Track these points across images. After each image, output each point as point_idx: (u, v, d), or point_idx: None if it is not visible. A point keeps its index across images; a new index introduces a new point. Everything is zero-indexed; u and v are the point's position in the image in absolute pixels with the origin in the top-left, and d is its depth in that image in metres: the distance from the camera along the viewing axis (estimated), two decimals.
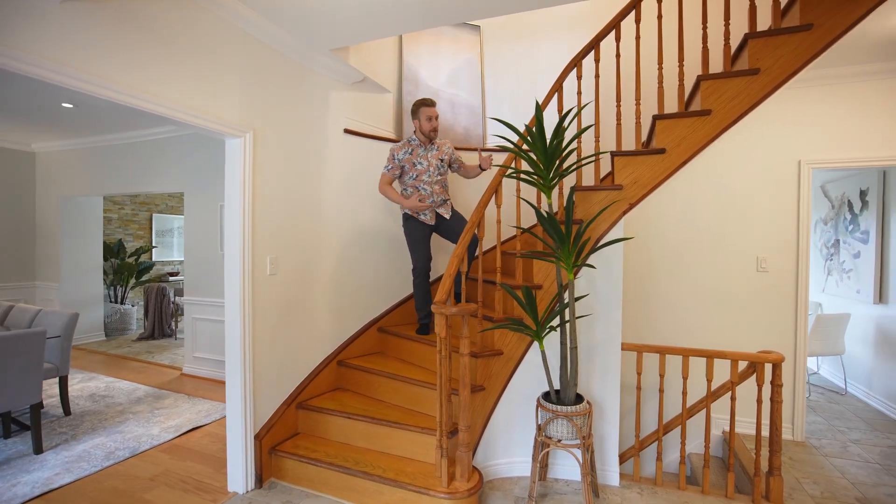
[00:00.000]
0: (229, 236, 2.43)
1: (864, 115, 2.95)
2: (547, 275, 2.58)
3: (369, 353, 3.24)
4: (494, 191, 2.53)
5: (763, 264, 3.15)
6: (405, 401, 2.71)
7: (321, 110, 2.94)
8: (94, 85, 1.72)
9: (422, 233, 2.99)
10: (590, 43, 2.58)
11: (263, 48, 2.52)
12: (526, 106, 3.80)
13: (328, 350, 3.03)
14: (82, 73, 1.68)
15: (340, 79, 3.08)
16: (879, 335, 3.71)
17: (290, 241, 2.71)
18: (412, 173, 2.95)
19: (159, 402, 3.74)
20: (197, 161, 4.35)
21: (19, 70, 1.51)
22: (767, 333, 3.14)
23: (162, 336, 5.96)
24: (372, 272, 3.29)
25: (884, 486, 2.54)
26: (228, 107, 2.30)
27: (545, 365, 2.30)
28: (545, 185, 2.20)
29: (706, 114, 2.32)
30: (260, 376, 2.53)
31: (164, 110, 1.97)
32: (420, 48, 3.68)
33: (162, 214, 7.27)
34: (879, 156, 2.93)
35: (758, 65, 2.24)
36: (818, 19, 2.16)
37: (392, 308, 3.40)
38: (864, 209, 3.82)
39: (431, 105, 2.92)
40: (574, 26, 3.66)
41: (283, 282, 2.68)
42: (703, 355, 2.43)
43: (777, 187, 3.12)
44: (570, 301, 2.20)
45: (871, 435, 3.19)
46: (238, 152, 2.38)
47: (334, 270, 3.05)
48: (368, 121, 3.34)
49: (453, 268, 2.33)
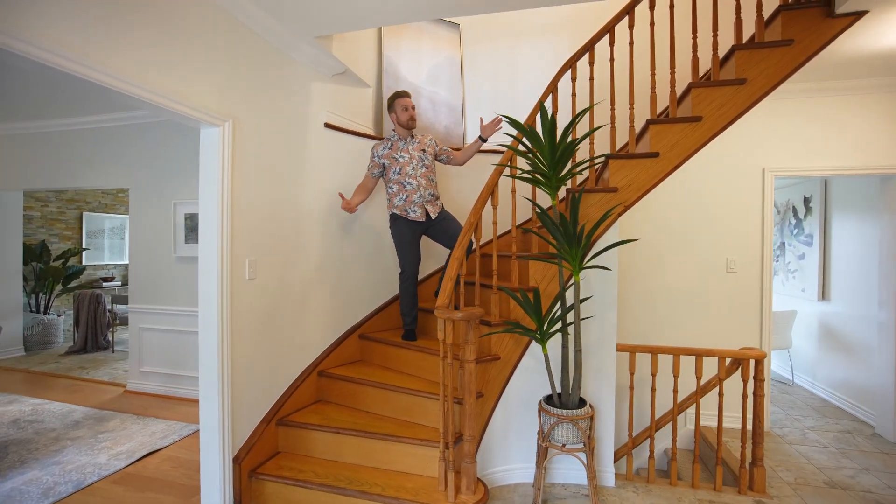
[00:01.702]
0: (205, 238, 2.17)
1: (819, 128, 3.22)
2: (542, 277, 2.55)
3: (350, 362, 3.05)
4: (491, 191, 2.47)
5: (732, 265, 3.34)
6: (397, 412, 2.57)
7: (302, 102, 2.73)
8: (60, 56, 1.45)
9: (411, 233, 2.86)
10: (585, 45, 2.59)
11: (246, 32, 2.29)
12: (505, 107, 3.78)
13: (308, 360, 2.81)
14: (46, 42, 1.40)
15: (322, 70, 2.89)
16: (822, 330, 4.06)
17: (269, 243, 2.48)
18: (395, 168, 2.82)
19: (103, 424, 3.30)
20: (146, 153, 3.92)
21: None
22: (737, 330, 3.33)
23: (96, 349, 5.32)
24: (353, 276, 3.11)
25: (843, 468, 2.76)
26: (207, 92, 2.06)
27: (548, 368, 2.27)
28: (551, 186, 2.17)
29: (697, 120, 2.40)
30: (238, 392, 2.28)
31: (137, 91, 1.71)
32: (400, 42, 3.55)
33: (94, 213, 6.52)
34: (832, 165, 3.20)
35: (744, 75, 2.35)
36: (798, 35, 2.30)
37: (373, 313, 3.23)
38: (808, 214, 4.18)
39: (406, 95, 2.84)
40: (554, 31, 3.69)
41: (263, 287, 2.45)
42: (693, 354, 2.51)
43: (744, 193, 3.32)
44: (575, 303, 2.18)
45: (823, 421, 3.47)
46: (216, 143, 2.14)
47: (314, 274, 2.84)
48: (349, 116, 3.17)
49: (453, 270, 2.24)
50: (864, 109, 3.16)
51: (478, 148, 2.86)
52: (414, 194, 2.80)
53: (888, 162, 3.12)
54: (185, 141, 3.79)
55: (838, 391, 3.82)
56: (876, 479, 2.62)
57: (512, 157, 2.55)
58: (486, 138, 2.79)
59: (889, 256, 3.17)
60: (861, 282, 3.59)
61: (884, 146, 3.14)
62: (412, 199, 2.80)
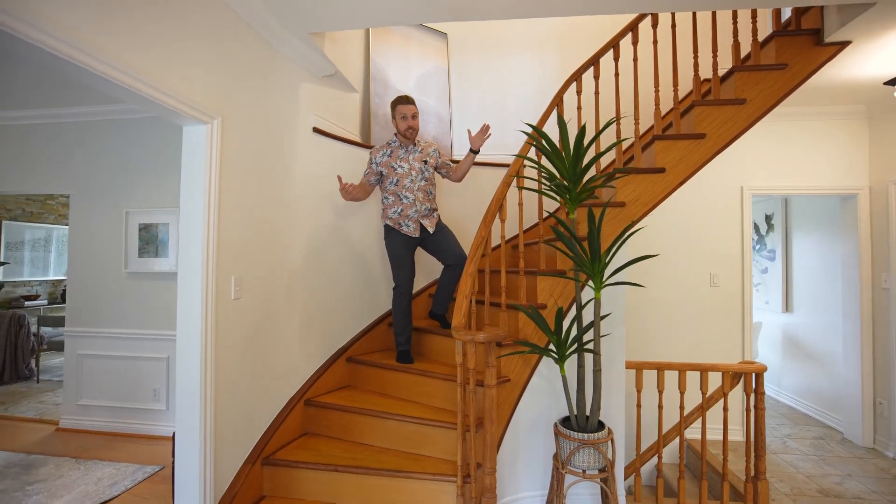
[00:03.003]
0: (187, 251, 1.88)
1: (791, 149, 3.42)
2: (551, 293, 2.46)
3: (339, 388, 2.78)
4: (500, 203, 2.36)
5: (715, 279, 3.44)
6: (399, 442, 2.34)
7: (291, 103, 2.50)
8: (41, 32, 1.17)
9: (405, 247, 2.68)
10: (590, 59, 2.58)
11: (238, 22, 2.06)
12: (494, 119, 3.73)
13: (294, 388, 2.53)
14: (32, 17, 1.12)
15: (312, 70, 2.68)
16: (786, 340, 4.30)
17: (256, 257, 2.21)
18: (392, 178, 2.64)
19: (32, 472, 2.78)
20: (93, 156, 3.45)
21: None
22: (721, 342, 3.41)
23: (17, 379, 4.59)
24: (340, 293, 2.86)
25: (829, 476, 2.86)
26: (194, 85, 1.80)
27: (566, 390, 2.16)
28: (571, 199, 2.09)
29: (701, 137, 2.44)
30: (222, 429, 1.98)
31: (117, 75, 1.44)
32: (388, 48, 3.40)
33: (14, 222, 5.71)
34: (803, 185, 3.41)
35: (743, 95, 2.43)
36: (790, 60, 2.41)
37: (360, 334, 2.99)
38: (770, 231, 4.45)
39: (407, 102, 2.64)
40: (542, 46, 3.70)
41: (249, 307, 2.16)
42: (699, 369, 2.51)
43: (724, 209, 3.46)
44: (595, 320, 2.10)
45: (796, 429, 3.63)
46: (203, 143, 1.87)
47: (299, 291, 2.58)
48: (337, 121, 2.96)
49: (467, 287, 2.09)
50: (830, 134, 3.40)
51: (472, 162, 2.74)
52: (409, 208, 2.63)
53: (850, 183, 3.37)
54: (141, 143, 3.38)
55: (804, 398, 4.03)
56: (861, 484, 2.74)
57: (520, 168, 2.46)
58: (477, 150, 2.68)
59: (852, 271, 3.40)
60: (823, 295, 3.84)
61: (845, 168, 3.39)
62: (407, 214, 2.63)
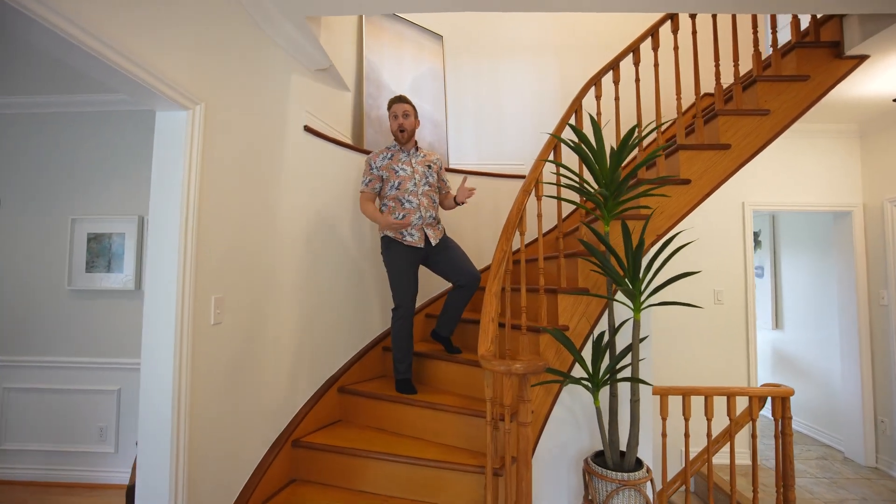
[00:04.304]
0: (158, 267, 1.51)
1: (789, 165, 3.42)
2: (573, 313, 2.24)
3: (330, 424, 2.42)
4: (520, 215, 2.13)
5: (720, 296, 3.35)
6: (408, 489, 2.01)
7: (281, 96, 2.19)
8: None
9: (408, 260, 2.39)
10: (610, 63, 2.43)
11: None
12: (490, 125, 3.54)
13: (280, 426, 2.15)
14: None
15: (304, 61, 2.38)
16: (777, 357, 4.30)
17: (240, 273, 1.86)
18: (393, 181, 2.37)
19: None
20: (24, 154, 2.95)
21: None
22: (727, 361, 3.31)
23: None
24: (330, 315, 2.52)
25: (847, 501, 2.77)
26: (174, 60, 1.47)
27: (600, 423, 1.92)
28: (608, 209, 1.89)
29: (726, 147, 2.32)
30: (197, 481, 1.59)
31: (77, 32, 1.10)
32: (382, 46, 3.15)
33: None
34: (801, 201, 3.41)
35: (767, 106, 2.34)
36: (812, 72, 2.35)
37: (354, 360, 2.64)
38: (758, 248, 4.48)
39: (399, 101, 2.41)
40: (540, 53, 3.58)
41: (231, 333, 1.80)
42: (726, 394, 2.35)
43: (726, 225, 3.40)
44: (633, 344, 1.89)
45: (797, 449, 3.56)
46: (182, 133, 1.53)
47: (291, 312, 2.23)
48: (329, 121, 2.66)
49: (493, 308, 1.83)
50: (823, 151, 3.44)
51: (452, 207, 2.55)
52: (413, 214, 2.36)
53: (843, 200, 3.40)
54: (94, 139, 2.93)
55: (798, 416, 4.01)
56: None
57: (538, 182, 2.23)
58: (461, 202, 2.47)
59: (848, 288, 3.40)
60: (816, 311, 3.85)
61: (839, 186, 3.42)
62: (410, 221, 2.35)
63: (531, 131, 3.52)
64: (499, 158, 3.54)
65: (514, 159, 3.51)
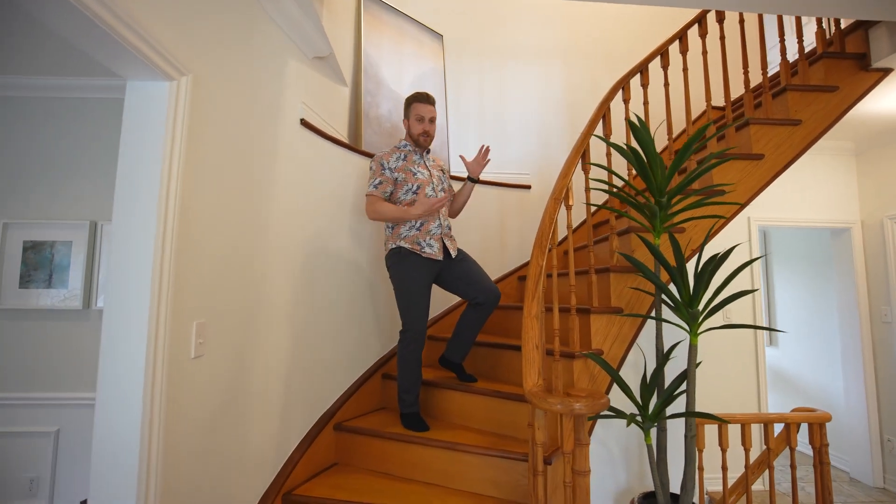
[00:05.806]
0: (122, 283, 1.15)
1: (794, 181, 3.39)
2: (606, 336, 2.01)
3: (326, 468, 2.05)
4: (553, 225, 1.88)
5: (728, 314, 3.24)
6: None
7: (275, 82, 1.86)
8: None
9: (425, 275, 2.07)
10: (638, 64, 2.27)
11: None
12: (493, 131, 3.33)
13: (269, 476, 1.77)
14: None
15: (303, 46, 2.07)
16: (772, 373, 4.25)
17: (227, 293, 1.50)
18: (411, 185, 2.08)
19: None
20: None
21: None
22: (735, 382, 3.18)
23: None
24: (326, 339, 2.17)
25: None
26: (160, 17, 1.13)
27: (651, 462, 1.68)
28: (660, 220, 1.68)
29: (759, 157, 2.20)
30: None
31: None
32: (381, 40, 2.88)
33: None
34: (803, 217, 3.38)
35: (798, 116, 2.24)
36: (840, 83, 2.28)
37: (351, 392, 2.29)
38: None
39: (426, 101, 2.12)
40: (545, 56, 3.42)
41: (213, 368, 1.43)
42: (763, 421, 2.19)
43: (734, 239, 3.31)
44: (689, 371, 1.67)
45: (802, 471, 3.47)
46: (162, 111, 1.18)
47: (285, 337, 1.87)
48: (325, 116, 2.34)
49: (535, 333, 1.56)
50: (820, 168, 3.44)
51: (470, 193, 2.26)
52: (432, 223, 2.08)
53: (841, 217, 3.40)
54: (31, 129, 2.46)
55: (798, 436, 3.94)
56: None
57: (567, 192, 1.99)
58: (477, 179, 2.21)
59: (849, 305, 3.38)
60: (813, 328, 3.83)
61: (838, 202, 3.42)
62: (429, 229, 2.07)
63: (535, 139, 3.34)
64: (502, 167, 3.32)
65: (518, 168, 3.30)
